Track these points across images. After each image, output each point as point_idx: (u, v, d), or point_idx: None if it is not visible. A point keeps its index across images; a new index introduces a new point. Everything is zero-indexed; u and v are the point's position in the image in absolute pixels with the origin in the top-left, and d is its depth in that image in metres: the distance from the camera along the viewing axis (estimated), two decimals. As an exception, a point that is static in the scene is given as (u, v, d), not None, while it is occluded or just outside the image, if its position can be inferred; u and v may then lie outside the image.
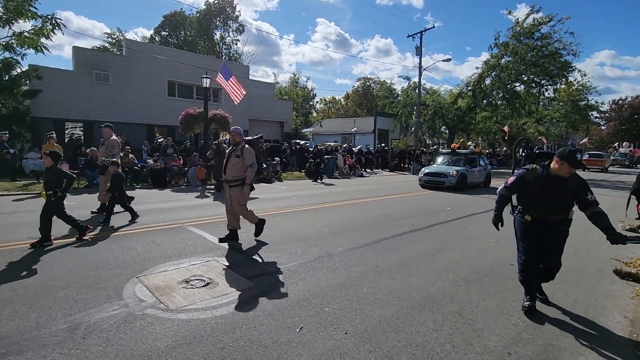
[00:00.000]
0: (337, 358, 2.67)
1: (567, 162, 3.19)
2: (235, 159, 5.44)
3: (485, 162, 15.76)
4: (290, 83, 62.23)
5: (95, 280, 3.95)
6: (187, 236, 5.90)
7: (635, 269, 4.60)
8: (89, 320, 3.08)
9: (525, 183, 3.50)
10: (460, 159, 14.48)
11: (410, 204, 10.16)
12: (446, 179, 13.27)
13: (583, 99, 34.97)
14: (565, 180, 3.29)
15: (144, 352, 2.65)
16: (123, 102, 20.34)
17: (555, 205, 3.40)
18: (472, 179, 14.09)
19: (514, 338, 3.06)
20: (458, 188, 13.13)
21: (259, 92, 27.83)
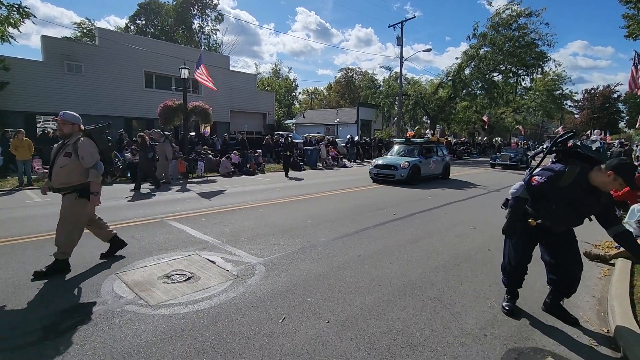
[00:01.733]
0: (319, 346, 2.71)
1: (622, 179, 2.61)
2: (65, 158, 3.84)
3: (443, 152, 14.55)
4: (272, 74, 61.53)
5: (72, 277, 3.86)
6: (168, 231, 5.81)
7: (603, 251, 4.82)
8: (65, 319, 3.00)
9: (556, 188, 2.82)
10: (414, 149, 13.21)
11: (393, 193, 10.28)
12: (397, 172, 11.95)
13: (558, 89, 36.02)
14: (600, 194, 2.77)
15: (123, 349, 2.62)
16: (98, 94, 19.66)
17: (578, 219, 2.93)
18: (427, 170, 12.92)
19: (490, 320, 3.17)
20: (410, 182, 11.91)
21: (240, 83, 27.40)
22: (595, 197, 2.77)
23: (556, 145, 3.03)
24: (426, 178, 12.88)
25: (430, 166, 13.11)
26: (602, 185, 2.71)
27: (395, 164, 12.19)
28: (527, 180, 2.95)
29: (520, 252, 3.17)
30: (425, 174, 12.73)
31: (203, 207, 7.74)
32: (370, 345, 2.74)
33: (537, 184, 2.87)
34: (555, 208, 2.87)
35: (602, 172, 2.68)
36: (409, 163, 12.04)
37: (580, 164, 2.82)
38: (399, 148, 13.88)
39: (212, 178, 13.45)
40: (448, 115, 30.21)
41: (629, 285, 3.72)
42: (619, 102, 58.91)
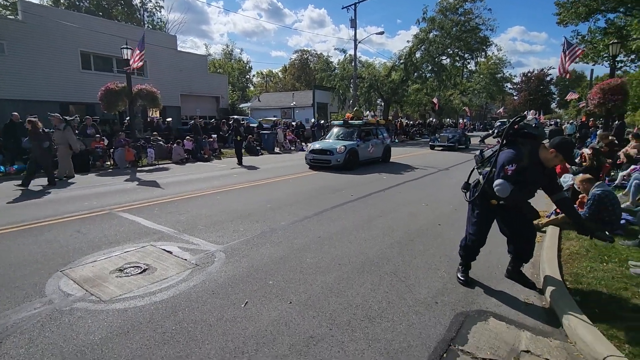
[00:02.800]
0: (282, 327, 2.78)
1: (563, 156, 2.91)
2: None
3: (383, 134, 13.97)
4: (223, 55, 58.95)
5: (10, 279, 3.55)
6: (118, 222, 5.50)
7: (536, 220, 5.34)
8: (5, 323, 2.78)
9: (522, 171, 2.97)
10: (353, 132, 12.53)
11: (350, 175, 10.50)
12: (332, 157, 11.18)
13: (499, 72, 38.38)
14: (546, 169, 3.07)
15: (75, 348, 2.50)
16: (25, 76, 17.65)
17: (533, 194, 3.18)
18: (366, 154, 12.35)
19: (440, 289, 3.43)
20: (347, 167, 11.22)
21: (190, 65, 25.97)
22: (543, 171, 3.06)
23: (512, 129, 3.15)
24: (366, 162, 12.39)
25: (369, 150, 12.55)
26: (546, 161, 3.00)
27: (331, 148, 11.41)
28: (504, 175, 2.95)
29: (485, 226, 3.38)
30: (363, 158, 12.19)
31: (155, 197, 7.39)
32: (331, 321, 2.86)
33: (512, 172, 2.93)
34: (518, 188, 2.97)
35: (546, 150, 2.96)
36: (346, 147, 11.34)
37: (530, 142, 3.06)
38: (338, 131, 13.04)
39: (164, 166, 12.83)
40: (401, 98, 31.07)
41: (557, 249, 4.19)
42: (552, 84, 64.38)
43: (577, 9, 17.84)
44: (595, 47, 18.36)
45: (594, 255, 3.98)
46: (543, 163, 3.02)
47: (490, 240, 3.82)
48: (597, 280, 3.38)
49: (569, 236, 4.61)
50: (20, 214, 5.93)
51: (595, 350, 2.38)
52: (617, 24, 18.37)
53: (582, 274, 3.54)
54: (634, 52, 18.38)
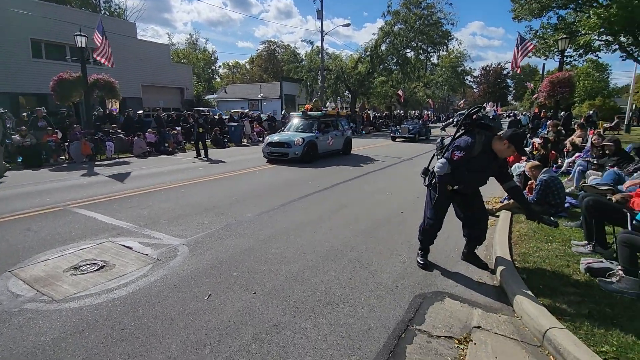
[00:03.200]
0: (246, 317, 2.79)
1: (514, 147, 3.14)
2: None
3: (344, 126, 13.71)
4: (188, 45, 56.80)
5: (-51, 282, 3.29)
6: (73, 219, 5.22)
7: (491, 205, 5.65)
8: (-55, 328, 2.60)
9: (470, 158, 3.20)
10: (312, 124, 12.16)
11: (317, 165, 10.56)
12: (290, 150, 10.79)
13: (460, 66, 39.76)
14: (499, 159, 3.29)
15: (25, 349, 2.38)
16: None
17: (484, 180, 3.41)
18: (325, 146, 12.00)
19: (401, 273, 3.57)
20: (305, 159, 10.87)
21: (152, 55, 24.85)
22: (497, 160, 3.28)
23: (469, 118, 3.37)
24: (325, 155, 12.10)
25: (329, 142, 12.21)
26: (499, 152, 3.21)
27: (288, 140, 11.03)
28: (449, 157, 3.25)
29: (443, 209, 3.55)
30: (323, 150, 11.87)
31: (115, 191, 7.08)
32: (295, 309, 2.90)
33: (458, 158, 3.20)
34: (468, 174, 3.28)
35: (500, 141, 3.17)
36: (304, 139, 10.96)
37: (485, 133, 3.26)
38: (297, 123, 12.66)
39: (125, 159, 12.26)
40: (367, 90, 31.44)
41: (508, 231, 4.47)
42: (508, 78, 67.73)
43: (530, 5, 18.76)
44: (547, 42, 19.46)
45: (540, 236, 4.28)
46: (496, 153, 3.23)
47: (448, 225, 4.02)
48: (542, 259, 3.66)
49: (519, 219, 4.93)
50: (-39, 214, 5.48)
51: (539, 323, 2.59)
52: (567, 20, 19.55)
53: (529, 253, 3.81)
54: (582, 47, 19.68)
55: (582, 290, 3.05)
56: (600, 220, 3.75)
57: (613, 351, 2.27)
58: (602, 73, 37.82)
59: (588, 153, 7.35)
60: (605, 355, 2.22)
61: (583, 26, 15.80)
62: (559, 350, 2.31)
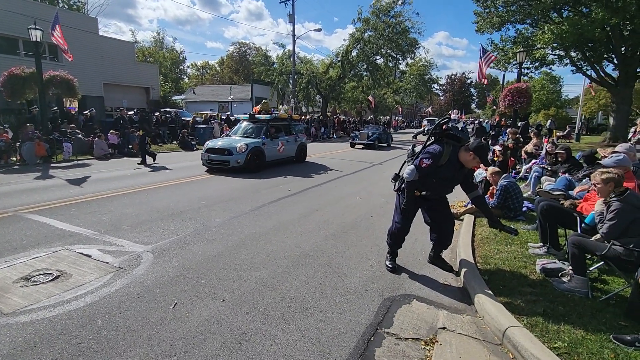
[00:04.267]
0: (214, 325, 2.72)
1: (479, 158, 3.30)
2: None
3: (297, 131, 12.45)
4: (154, 43, 54.85)
5: None
6: (25, 225, 4.87)
7: (456, 209, 5.88)
8: None
9: (437, 166, 3.32)
10: (260, 128, 10.86)
11: (289, 170, 10.52)
12: (232, 157, 9.51)
13: (427, 74, 41.24)
14: (464, 169, 3.44)
15: (-33, 369, 2.18)
16: None
17: (450, 188, 3.58)
18: (274, 154, 10.82)
19: (370, 277, 3.63)
20: (249, 169, 9.62)
21: (115, 52, 23.74)
22: (462, 169, 3.42)
23: (439, 128, 3.50)
24: (275, 163, 11.01)
25: (279, 148, 11.00)
26: (465, 162, 3.35)
27: (229, 147, 9.66)
28: (417, 165, 3.35)
29: (411, 215, 3.65)
30: (272, 158, 10.69)
31: (73, 195, 6.68)
32: (265, 316, 2.87)
33: (426, 166, 3.32)
34: (435, 182, 3.42)
35: (466, 152, 3.31)
36: (247, 146, 9.68)
37: (453, 144, 3.38)
38: (246, 127, 11.24)
39: (85, 162, 11.61)
40: (338, 95, 31.82)
41: (471, 234, 4.67)
42: (472, 87, 71.17)
43: (491, 19, 19.84)
44: (506, 55, 20.63)
45: (500, 239, 4.50)
46: (462, 163, 3.37)
47: (416, 229, 4.14)
48: (502, 260, 3.85)
49: (482, 223, 5.16)
50: None
51: (498, 322, 2.72)
52: (524, 34, 20.83)
53: (490, 255, 3.99)
54: (538, 60, 21.02)
55: (537, 290, 3.24)
56: (554, 223, 4.00)
57: (565, 347, 2.42)
58: (555, 85, 40.56)
59: (543, 160, 7.84)
60: (558, 351, 2.37)
61: (538, 40, 16.91)
62: (517, 347, 2.43)
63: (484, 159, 3.40)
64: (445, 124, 3.52)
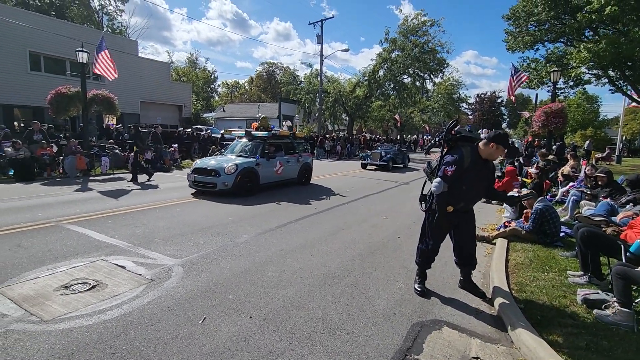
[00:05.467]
0: (241, 342, 2.72)
1: (502, 145, 3.22)
2: None
3: (300, 150, 11.22)
4: (188, 64, 57.73)
5: None
6: (66, 235, 5.13)
7: (487, 233, 5.69)
8: None
9: (463, 171, 3.23)
10: (257, 146, 9.78)
11: (313, 188, 10.57)
12: (219, 179, 8.38)
13: (456, 93, 40.79)
14: (489, 164, 3.39)
15: (11, 372, 2.29)
16: (-37, 76, 16.20)
17: (481, 192, 3.50)
18: (271, 175, 9.63)
19: (398, 300, 3.53)
20: (240, 192, 8.49)
21: (152, 72, 25.19)
22: (489, 166, 3.39)
23: (449, 134, 3.41)
24: (274, 185, 9.89)
25: (277, 169, 9.78)
26: (489, 155, 3.29)
27: (217, 167, 8.55)
28: (442, 175, 3.25)
29: (442, 232, 3.56)
30: (269, 180, 9.56)
31: (109, 208, 7.00)
32: (291, 335, 2.84)
33: (451, 173, 3.21)
34: (465, 188, 3.29)
35: (486, 145, 3.26)
36: (237, 166, 8.54)
37: (469, 145, 3.32)
38: (242, 145, 10.17)
39: (120, 175, 12.19)
40: (365, 114, 31.97)
41: (505, 260, 4.48)
42: (502, 106, 69.58)
43: (523, 37, 19.51)
44: (539, 74, 20.11)
45: (536, 265, 4.29)
46: (487, 159, 3.33)
47: (445, 252, 4.02)
48: (539, 289, 3.65)
49: (515, 248, 4.95)
50: (-50, 227, 5.37)
51: (537, 355, 2.56)
52: (557, 53, 20.30)
53: (526, 283, 3.80)
54: (573, 79, 20.34)
55: (579, 322, 3.04)
56: (596, 251, 3.78)
57: (613, 387, 2.24)
58: (593, 104, 38.95)
59: (581, 183, 7.47)
60: (605, 391, 2.19)
61: (574, 59, 16.41)
62: (559, 385, 2.28)
63: (506, 145, 3.27)
64: (452, 129, 3.42)
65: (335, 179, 13.00)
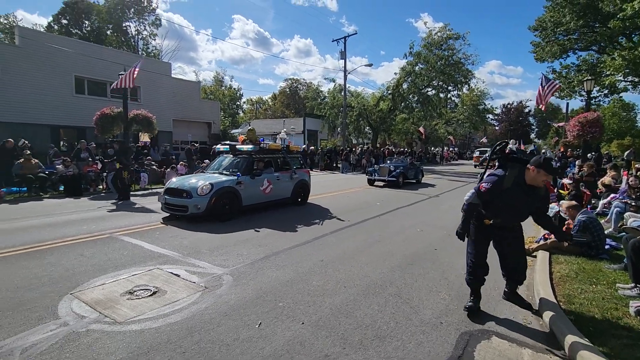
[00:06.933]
0: (297, 346, 2.88)
1: (543, 170, 3.15)
2: None
3: (294, 165, 9.77)
4: (214, 82, 60.05)
5: (19, 302, 3.55)
6: (121, 246, 5.52)
7: (527, 245, 5.61)
8: (22, 344, 2.80)
9: (501, 191, 3.25)
10: (241, 163, 8.66)
11: (343, 200, 10.72)
12: (190, 201, 7.20)
13: (481, 104, 40.19)
14: (538, 190, 3.27)
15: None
16: (18, 100, 17.62)
17: (523, 214, 3.44)
18: (255, 195, 8.32)
19: (444, 310, 3.59)
20: (216, 215, 7.33)
21: (183, 91, 26.42)
22: (535, 192, 3.26)
23: (495, 154, 3.53)
24: (262, 206, 8.63)
25: (264, 188, 8.53)
26: (533, 181, 3.22)
27: (190, 187, 7.39)
28: (477, 188, 3.33)
29: (480, 245, 3.54)
30: (253, 200, 8.25)
31: (154, 221, 7.41)
32: (344, 341, 2.97)
33: (485, 190, 3.26)
34: (502, 207, 3.31)
35: (528, 170, 3.22)
36: (212, 186, 7.37)
37: (519, 167, 3.30)
38: (227, 161, 9.06)
39: (158, 190, 12.79)
40: (389, 127, 32.04)
41: (549, 272, 4.43)
42: (530, 116, 67.67)
43: (552, 47, 19.22)
44: (570, 83, 19.64)
45: (583, 278, 4.23)
46: (532, 185, 3.24)
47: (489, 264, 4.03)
48: (589, 301, 3.61)
49: (558, 260, 4.88)
50: (19, 238, 5.88)
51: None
52: (589, 61, 19.81)
53: (574, 295, 3.77)
54: (607, 88, 19.73)
55: (634, 334, 3.01)
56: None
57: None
58: (629, 112, 37.30)
59: (624, 194, 7.24)
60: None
61: (607, 67, 15.97)
62: (619, 394, 2.28)
63: (549, 170, 3.19)
64: (504, 148, 3.49)
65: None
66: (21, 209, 8.66)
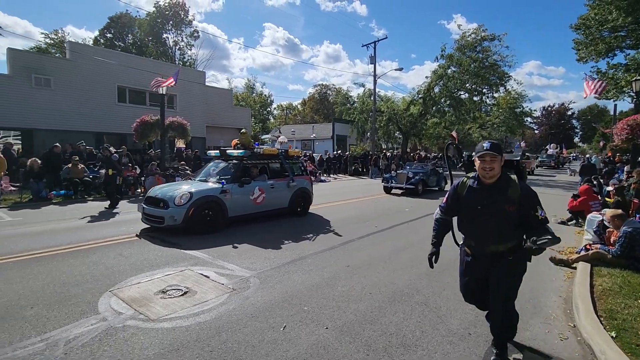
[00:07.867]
0: (321, 350, 2.90)
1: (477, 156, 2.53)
2: None
3: (292, 172, 8.83)
4: (246, 89, 61.76)
5: (65, 296, 3.83)
6: (156, 247, 5.80)
7: (566, 256, 5.32)
8: (67, 336, 3.02)
9: (460, 200, 2.68)
10: (231, 168, 7.88)
11: (371, 206, 10.64)
12: (166, 212, 6.56)
13: (519, 107, 38.45)
14: (503, 190, 2.50)
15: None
16: (67, 109, 19.02)
17: (494, 226, 2.53)
18: (245, 205, 7.56)
19: (472, 321, 3.48)
20: (193, 229, 6.61)
21: (216, 99, 27.39)
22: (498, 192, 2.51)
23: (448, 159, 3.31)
24: (254, 217, 7.85)
25: (255, 197, 7.72)
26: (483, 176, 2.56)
27: (167, 197, 6.74)
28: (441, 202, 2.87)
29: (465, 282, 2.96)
30: (241, 211, 7.51)
31: (187, 223, 7.71)
32: (368, 347, 2.96)
33: (445, 201, 2.78)
34: (467, 218, 2.68)
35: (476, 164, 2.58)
36: (191, 195, 6.70)
37: None
38: (218, 167, 8.29)
39: (191, 194, 13.30)
40: (419, 131, 31.43)
41: (589, 285, 4.17)
42: (573, 118, 63.81)
43: (596, 46, 18.13)
44: (618, 83, 18.41)
45: (628, 292, 3.95)
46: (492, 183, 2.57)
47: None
48: (633, 317, 3.37)
49: (601, 273, 4.58)
50: (66, 237, 6.33)
51: (635, 387, 2.39)
52: (638, 60, 18.47)
53: (617, 310, 3.53)
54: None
55: (686, 356, 2.76)
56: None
57: None
58: (684, 114, 34.29)
59: (677, 203, 6.68)
60: None
61: (658, 66, 14.84)
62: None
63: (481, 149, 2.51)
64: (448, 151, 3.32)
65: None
66: (68, 211, 9.32)
